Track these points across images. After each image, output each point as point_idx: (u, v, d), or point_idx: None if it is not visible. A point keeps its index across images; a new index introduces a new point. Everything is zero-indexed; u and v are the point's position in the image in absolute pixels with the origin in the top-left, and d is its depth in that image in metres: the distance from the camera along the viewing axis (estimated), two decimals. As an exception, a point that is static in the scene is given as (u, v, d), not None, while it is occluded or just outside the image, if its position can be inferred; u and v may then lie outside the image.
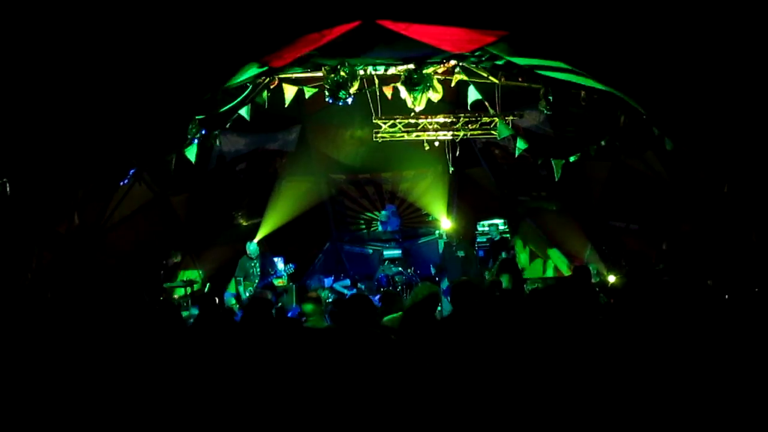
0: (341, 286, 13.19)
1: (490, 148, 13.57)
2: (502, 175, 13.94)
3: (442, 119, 10.91)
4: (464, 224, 14.01)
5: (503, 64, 8.23)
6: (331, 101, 8.81)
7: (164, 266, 11.45)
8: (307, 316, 5.66)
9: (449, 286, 9.67)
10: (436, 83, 8.96)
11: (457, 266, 11.61)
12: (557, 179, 10.00)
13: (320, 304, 5.68)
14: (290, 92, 8.98)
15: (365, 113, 10.88)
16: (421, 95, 8.88)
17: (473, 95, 9.16)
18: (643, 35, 6.96)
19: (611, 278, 11.52)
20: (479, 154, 13.65)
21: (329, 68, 8.55)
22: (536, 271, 13.72)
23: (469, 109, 9.90)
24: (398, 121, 10.82)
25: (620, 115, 8.81)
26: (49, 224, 8.00)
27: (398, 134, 11.00)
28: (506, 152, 13.25)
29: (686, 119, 7.66)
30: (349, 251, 15.11)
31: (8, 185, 6.98)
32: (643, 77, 7.43)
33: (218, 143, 10.11)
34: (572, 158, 9.93)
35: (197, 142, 8.79)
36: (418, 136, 11.08)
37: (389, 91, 9.40)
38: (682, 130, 7.93)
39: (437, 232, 14.05)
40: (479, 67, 8.94)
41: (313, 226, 14.32)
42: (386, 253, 14.23)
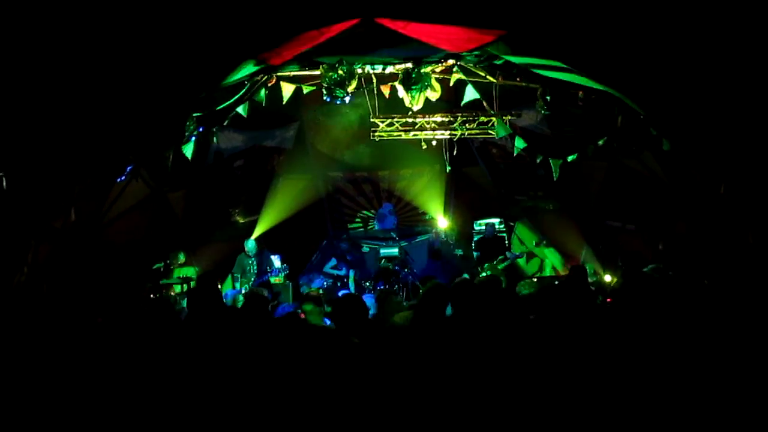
0: (330, 267, 13.21)
1: (487, 147, 13.60)
2: (499, 174, 13.96)
3: (439, 118, 10.91)
4: (461, 223, 14.04)
5: (501, 63, 8.23)
6: (328, 99, 8.81)
7: (165, 265, 11.42)
8: (306, 314, 5.66)
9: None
10: (434, 82, 8.96)
11: (454, 264, 11.61)
12: (555, 179, 10.01)
13: (320, 303, 5.68)
14: (288, 90, 8.98)
15: (363, 112, 10.88)
16: (418, 94, 8.88)
17: (470, 94, 9.16)
18: (641, 35, 6.98)
19: (607, 278, 11.55)
20: (476, 153, 13.67)
21: (327, 66, 8.55)
22: (533, 270, 13.75)
23: (461, 107, 9.91)
24: (396, 119, 10.82)
25: (618, 115, 8.81)
26: (45, 219, 7.99)
27: (396, 133, 11.00)
28: (503, 151, 13.29)
29: (684, 120, 7.67)
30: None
31: (5, 180, 6.99)
32: (641, 77, 7.44)
33: (215, 140, 10.11)
34: (570, 158, 9.94)
35: (195, 138, 8.78)
36: (415, 135, 11.08)
37: (387, 89, 9.40)
38: (679, 130, 7.95)
39: (433, 231, 14.08)
40: (477, 66, 8.95)
41: (309, 223, 14.31)
42: (383, 251, 14.26)
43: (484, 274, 10.95)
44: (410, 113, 10.25)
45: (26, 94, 6.80)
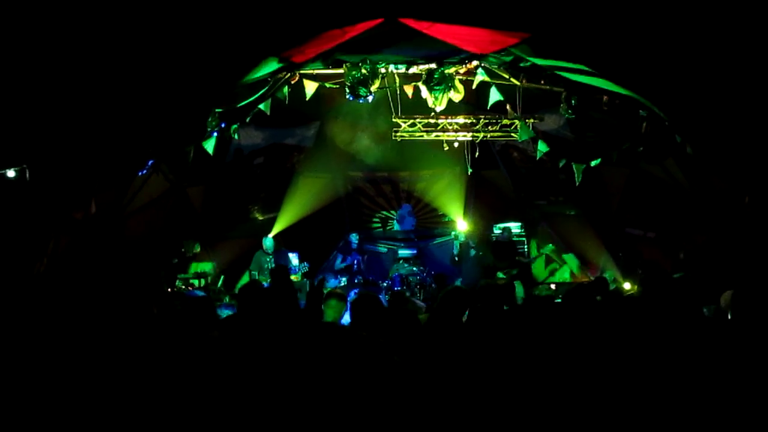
0: (339, 263, 13.23)
1: (508, 150, 13.52)
2: (519, 178, 13.88)
3: (462, 120, 10.87)
4: (480, 226, 13.96)
5: (527, 66, 8.17)
6: (351, 98, 8.80)
7: (181, 256, 11.49)
8: (325, 309, 5.60)
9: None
10: (457, 83, 8.92)
11: (472, 267, 11.53)
12: (578, 183, 9.92)
13: (344, 300, 5.63)
14: (310, 88, 8.98)
15: (385, 111, 10.86)
16: (442, 95, 8.84)
17: (494, 96, 9.11)
18: (667, 41, 6.89)
19: (626, 286, 11.43)
20: (497, 156, 13.60)
21: (350, 65, 8.54)
22: (545, 275, 13.65)
23: (487, 109, 9.86)
24: (418, 120, 10.79)
25: (642, 120, 8.71)
26: (66, 211, 8.06)
27: (417, 134, 10.99)
28: (524, 155, 13.21)
29: (710, 128, 7.56)
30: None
31: (28, 171, 7.06)
32: (666, 83, 7.35)
33: (236, 136, 10.14)
34: (594, 163, 9.85)
35: (216, 134, 8.81)
36: (437, 136, 11.06)
37: (410, 89, 9.38)
38: (705, 138, 7.83)
39: (453, 233, 14.02)
40: (501, 68, 8.89)
41: (328, 222, 14.31)
42: (401, 252, 14.24)
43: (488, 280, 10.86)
44: (433, 114, 10.22)
45: (50, 87, 6.87)
